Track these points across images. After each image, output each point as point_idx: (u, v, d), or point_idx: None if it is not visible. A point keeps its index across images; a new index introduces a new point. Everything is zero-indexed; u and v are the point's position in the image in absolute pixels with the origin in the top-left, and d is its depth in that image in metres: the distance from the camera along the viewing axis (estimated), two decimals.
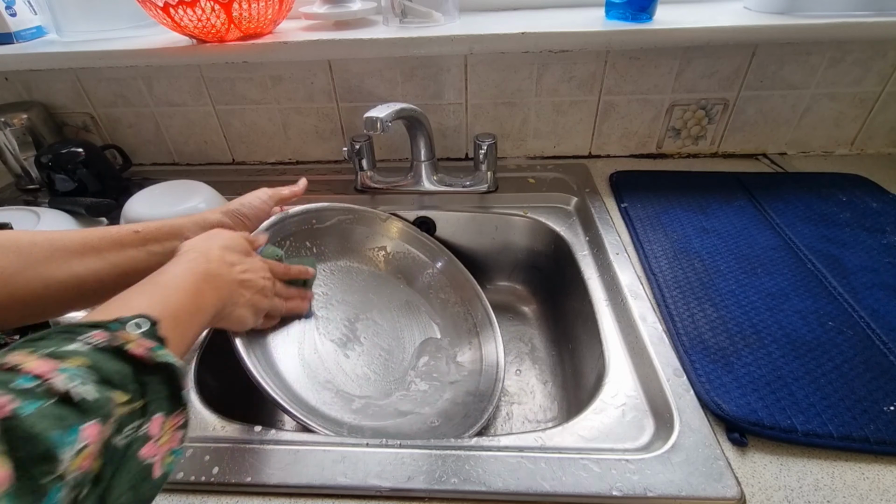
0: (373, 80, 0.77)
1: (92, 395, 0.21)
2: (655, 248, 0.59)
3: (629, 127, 0.80)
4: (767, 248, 0.58)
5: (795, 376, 0.42)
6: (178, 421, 0.27)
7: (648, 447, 0.39)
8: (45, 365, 0.21)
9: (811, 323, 0.47)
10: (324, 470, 0.38)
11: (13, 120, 0.77)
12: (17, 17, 0.78)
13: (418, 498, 0.36)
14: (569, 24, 0.69)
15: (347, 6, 0.75)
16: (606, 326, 0.52)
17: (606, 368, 0.47)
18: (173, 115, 0.83)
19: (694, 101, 0.77)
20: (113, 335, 0.25)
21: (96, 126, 0.85)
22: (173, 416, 0.26)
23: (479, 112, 0.79)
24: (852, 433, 0.37)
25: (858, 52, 0.71)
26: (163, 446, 0.25)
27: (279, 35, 0.74)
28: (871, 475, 0.36)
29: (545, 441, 0.40)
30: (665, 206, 0.67)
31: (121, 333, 0.25)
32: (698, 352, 0.45)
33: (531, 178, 0.78)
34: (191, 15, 0.65)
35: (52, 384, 0.20)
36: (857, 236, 0.59)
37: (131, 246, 0.42)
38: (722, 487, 0.35)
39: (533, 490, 0.36)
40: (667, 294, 0.52)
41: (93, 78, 0.79)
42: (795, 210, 0.65)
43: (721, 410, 0.40)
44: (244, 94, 0.80)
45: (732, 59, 0.72)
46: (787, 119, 0.78)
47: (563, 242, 0.67)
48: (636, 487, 0.36)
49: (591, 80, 0.75)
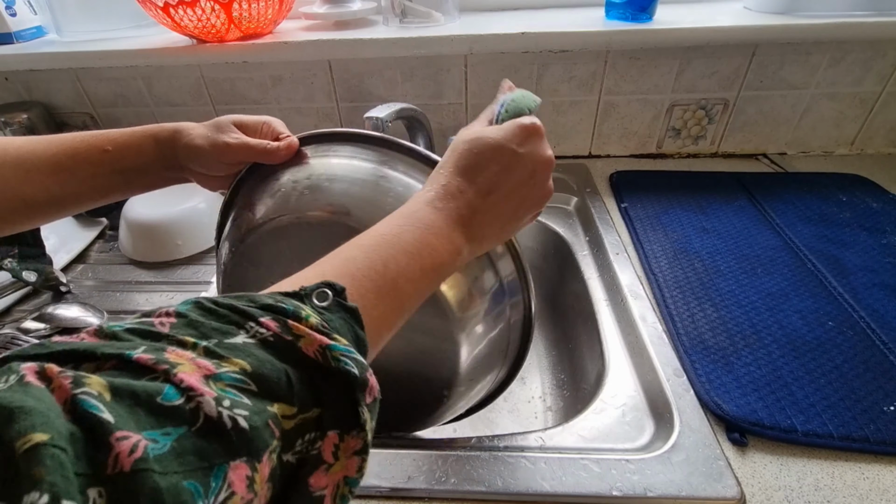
0: (373, 80, 0.77)
1: (244, 422, 0.16)
2: (655, 248, 0.59)
3: (629, 127, 0.80)
4: (767, 248, 0.58)
5: (795, 376, 0.42)
6: (357, 444, 0.20)
7: (648, 447, 0.39)
8: (198, 371, 0.17)
9: (811, 323, 0.47)
10: None
11: (13, 120, 0.77)
12: (17, 17, 0.78)
13: (418, 498, 0.36)
14: (569, 24, 0.69)
15: (347, 6, 0.75)
16: (606, 326, 0.52)
17: (606, 368, 0.47)
18: (173, 115, 0.83)
19: (694, 101, 0.76)
20: (285, 325, 0.20)
21: (96, 126, 0.85)
22: (352, 436, 0.20)
23: (480, 112, 0.79)
24: (852, 433, 0.37)
25: (858, 52, 0.71)
26: (336, 474, 0.19)
27: (279, 35, 0.74)
28: (871, 475, 0.36)
29: (545, 441, 0.40)
30: (665, 206, 0.67)
31: (295, 323, 0.20)
32: (698, 352, 0.45)
33: None
34: (191, 15, 0.65)
35: (200, 403, 0.16)
36: (857, 236, 0.59)
37: (104, 166, 0.39)
38: (722, 487, 0.35)
39: (533, 490, 0.36)
40: (667, 294, 0.52)
41: (93, 78, 0.79)
42: (795, 210, 0.65)
43: (721, 410, 0.40)
44: (244, 94, 0.80)
45: (732, 59, 0.72)
46: (787, 119, 0.78)
47: (563, 242, 0.67)
48: (636, 487, 0.36)
49: (591, 80, 0.75)
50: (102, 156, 0.38)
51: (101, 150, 0.38)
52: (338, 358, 0.20)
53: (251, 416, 0.17)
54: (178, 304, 0.20)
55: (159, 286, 0.63)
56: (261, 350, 0.19)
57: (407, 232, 0.28)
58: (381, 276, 0.25)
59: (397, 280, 0.26)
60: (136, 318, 0.19)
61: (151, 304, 0.60)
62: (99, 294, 0.62)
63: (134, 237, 0.67)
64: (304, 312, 0.20)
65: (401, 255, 0.27)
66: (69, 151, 0.38)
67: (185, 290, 0.62)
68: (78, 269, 0.67)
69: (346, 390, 0.20)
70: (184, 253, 0.67)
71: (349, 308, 0.22)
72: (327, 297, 0.22)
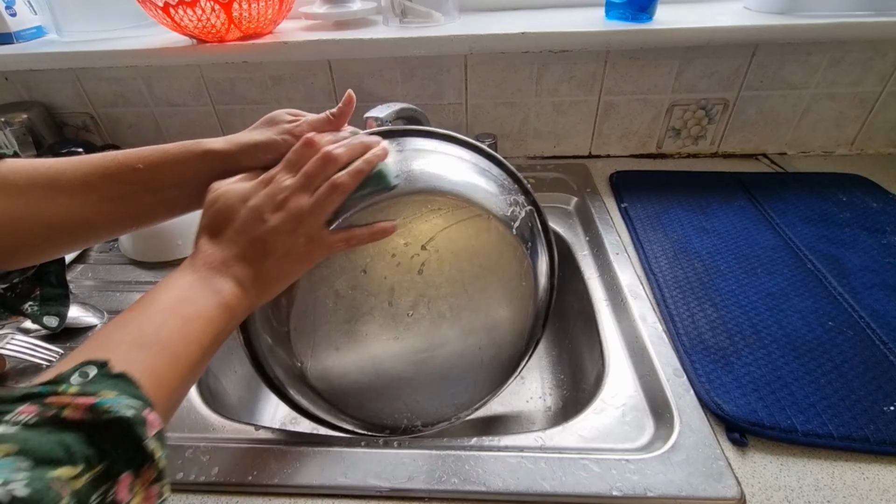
0: (373, 80, 0.77)
1: (24, 490, 0.18)
2: (655, 248, 0.59)
3: (629, 127, 0.80)
4: (767, 248, 0.58)
5: (795, 376, 0.42)
6: (151, 474, 0.22)
7: (648, 447, 0.39)
8: None
9: (811, 323, 0.47)
10: (324, 470, 0.38)
11: (13, 120, 0.77)
12: (17, 17, 0.78)
13: (418, 498, 0.36)
14: (569, 24, 0.69)
15: (347, 6, 0.75)
16: (606, 326, 0.52)
17: (606, 368, 0.47)
18: (173, 115, 0.83)
19: (694, 101, 0.76)
20: (43, 405, 0.21)
21: (96, 126, 0.85)
22: (144, 470, 0.22)
23: (479, 112, 0.79)
24: (852, 433, 0.37)
25: (858, 52, 0.71)
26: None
27: (279, 35, 0.74)
28: (871, 475, 0.36)
29: (545, 441, 0.40)
30: (665, 206, 0.67)
31: (54, 398, 0.21)
32: (698, 352, 0.45)
33: (531, 179, 0.78)
34: (191, 15, 0.65)
35: None
36: (857, 236, 0.59)
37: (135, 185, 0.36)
38: (722, 487, 0.35)
39: (533, 490, 0.36)
40: (667, 294, 0.52)
41: (93, 78, 0.79)
42: (795, 210, 0.65)
43: (721, 410, 0.40)
44: (244, 94, 0.80)
45: (732, 59, 0.72)
46: (787, 119, 0.78)
47: (563, 242, 0.67)
48: (636, 487, 0.36)
49: (591, 80, 0.75)
50: (133, 174, 0.35)
51: (131, 169, 0.35)
52: (107, 410, 0.21)
53: (30, 482, 0.18)
54: None
55: None
56: (25, 431, 0.20)
57: (161, 293, 0.30)
58: (140, 336, 0.27)
59: (160, 333, 0.27)
60: None
61: None
62: (99, 294, 0.62)
63: (134, 237, 0.67)
64: (61, 388, 0.22)
65: (156, 314, 0.28)
66: (98, 170, 0.35)
67: None
68: (78, 269, 0.67)
69: (126, 434, 0.22)
70: (184, 253, 0.67)
71: (115, 375, 0.23)
72: (88, 374, 0.23)
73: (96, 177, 0.35)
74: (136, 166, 0.35)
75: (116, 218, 0.36)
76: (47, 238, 0.34)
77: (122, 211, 0.36)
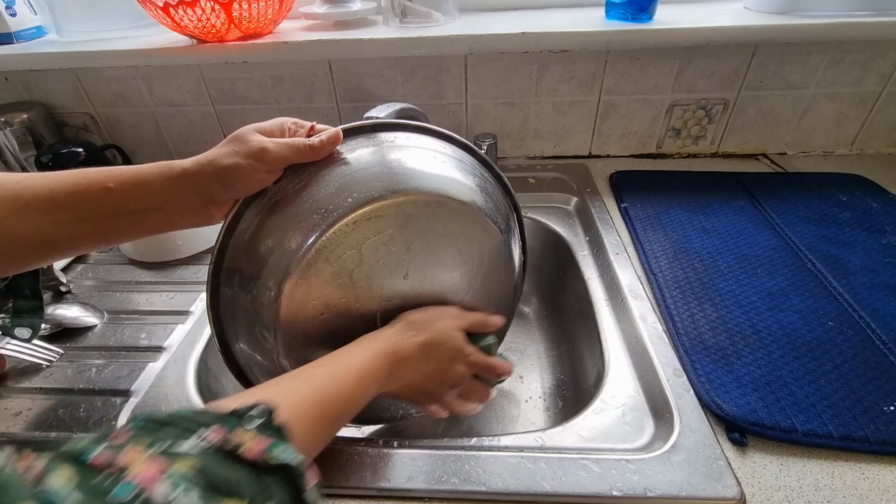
0: (373, 80, 0.77)
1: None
2: (655, 248, 0.59)
3: (629, 127, 0.80)
4: (767, 248, 0.58)
5: (795, 376, 0.42)
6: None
7: (648, 447, 0.39)
8: (153, 467, 0.20)
9: (811, 323, 0.47)
10: (323, 470, 0.38)
11: (13, 120, 0.77)
12: (17, 17, 0.78)
13: (418, 498, 0.36)
14: (569, 24, 0.69)
15: (347, 6, 0.75)
16: (606, 326, 0.52)
17: (606, 368, 0.47)
18: (173, 115, 0.83)
19: (694, 101, 0.77)
20: (226, 437, 0.23)
21: (96, 126, 0.85)
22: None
23: (479, 112, 0.79)
24: (852, 433, 0.37)
25: (858, 52, 0.71)
26: None
27: (279, 35, 0.74)
28: (871, 475, 0.36)
29: (545, 441, 0.40)
30: (665, 206, 0.67)
31: (235, 434, 0.24)
32: (698, 352, 0.45)
33: (531, 178, 0.78)
34: (191, 15, 0.65)
35: (150, 497, 0.19)
36: (857, 236, 0.59)
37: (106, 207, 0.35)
38: (722, 487, 0.35)
39: (533, 490, 0.36)
40: (667, 294, 0.52)
41: (93, 78, 0.79)
42: (795, 210, 0.65)
43: (721, 410, 0.40)
44: (244, 94, 0.80)
45: (732, 59, 0.72)
46: (787, 119, 0.78)
47: (563, 242, 0.67)
48: (636, 487, 0.36)
49: (591, 80, 0.75)
50: (104, 195, 0.34)
51: (102, 188, 0.34)
52: (277, 456, 0.24)
53: (205, 500, 0.20)
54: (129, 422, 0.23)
55: (159, 286, 0.63)
56: (207, 455, 0.22)
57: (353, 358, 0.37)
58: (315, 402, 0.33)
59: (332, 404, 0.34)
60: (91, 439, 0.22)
61: (151, 305, 0.59)
62: (99, 294, 0.62)
63: None
64: (242, 427, 0.25)
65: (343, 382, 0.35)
66: (68, 187, 0.34)
67: (185, 289, 0.62)
68: (78, 269, 0.67)
69: (288, 481, 0.24)
70: (184, 253, 0.67)
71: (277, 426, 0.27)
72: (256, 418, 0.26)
73: (63, 194, 0.34)
74: (107, 185, 0.35)
75: (82, 237, 0.35)
76: (9, 253, 0.33)
77: (90, 231, 0.35)
